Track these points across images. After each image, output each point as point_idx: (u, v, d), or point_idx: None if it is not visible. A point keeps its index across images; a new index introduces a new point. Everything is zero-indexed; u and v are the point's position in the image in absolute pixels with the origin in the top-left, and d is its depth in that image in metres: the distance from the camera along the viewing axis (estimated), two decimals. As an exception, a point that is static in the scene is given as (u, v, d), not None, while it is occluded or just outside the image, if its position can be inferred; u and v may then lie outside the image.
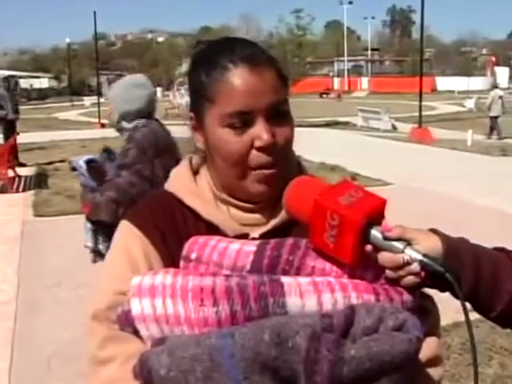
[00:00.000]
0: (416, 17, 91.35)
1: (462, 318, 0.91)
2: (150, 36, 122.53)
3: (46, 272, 6.02)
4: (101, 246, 3.20)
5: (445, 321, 4.11)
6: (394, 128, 21.80)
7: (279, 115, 1.06)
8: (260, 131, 1.03)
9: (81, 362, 1.08)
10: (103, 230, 3.15)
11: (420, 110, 20.02)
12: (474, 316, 1.01)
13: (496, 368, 3.85)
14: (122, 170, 3.09)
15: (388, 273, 0.94)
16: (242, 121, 1.04)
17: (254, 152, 1.05)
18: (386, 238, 0.93)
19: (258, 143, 1.04)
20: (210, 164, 1.14)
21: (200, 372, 0.86)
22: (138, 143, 3.12)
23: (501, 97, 19.42)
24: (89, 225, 3.18)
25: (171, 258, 1.05)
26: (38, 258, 6.54)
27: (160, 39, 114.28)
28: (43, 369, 4.01)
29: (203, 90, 1.07)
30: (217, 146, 1.07)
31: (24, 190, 10.75)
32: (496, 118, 19.20)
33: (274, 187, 1.07)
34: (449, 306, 0.92)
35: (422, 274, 0.92)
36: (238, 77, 1.04)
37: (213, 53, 1.09)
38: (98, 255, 3.22)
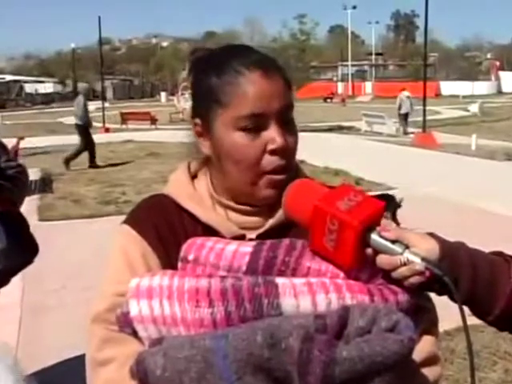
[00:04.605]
0: (420, 21, 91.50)
1: (467, 322, 0.91)
2: (154, 41, 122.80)
3: (51, 276, 6.04)
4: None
5: (449, 325, 4.09)
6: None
7: (287, 122, 1.09)
8: (273, 134, 1.05)
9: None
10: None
11: (424, 115, 20.02)
12: (479, 321, 1.02)
13: (500, 373, 3.83)
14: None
15: (393, 274, 0.95)
16: (256, 124, 1.05)
17: (267, 156, 1.06)
18: (383, 239, 0.95)
19: (271, 146, 1.06)
20: (216, 169, 1.14)
21: (194, 372, 0.87)
22: None
23: (408, 97, 22.69)
24: None
25: (169, 261, 1.07)
26: (42, 262, 6.51)
27: (164, 44, 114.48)
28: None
29: (213, 93, 1.08)
30: (229, 151, 1.07)
31: (29, 195, 10.75)
32: (405, 115, 22.55)
33: (282, 192, 1.08)
34: (453, 311, 0.92)
35: (427, 273, 0.93)
36: (251, 81, 1.05)
37: (223, 57, 1.10)
38: None
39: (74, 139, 13.72)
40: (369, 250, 0.96)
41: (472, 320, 1.03)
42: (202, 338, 0.89)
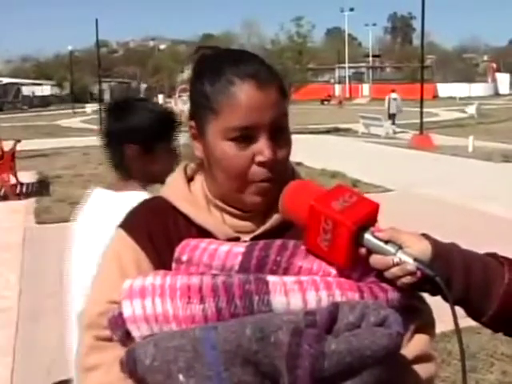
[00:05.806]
0: (417, 23, 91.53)
1: (464, 324, 0.92)
2: (151, 43, 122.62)
3: (48, 279, 6.02)
4: None
5: (446, 327, 4.06)
6: (394, 133, 21.89)
7: (280, 132, 1.08)
8: (262, 147, 1.05)
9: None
10: None
11: (421, 117, 20.05)
12: (475, 322, 1.02)
13: (497, 374, 3.84)
14: None
15: (386, 273, 0.96)
16: (245, 136, 1.05)
17: (254, 166, 1.07)
18: (376, 239, 0.96)
19: (259, 158, 1.06)
20: (208, 173, 1.15)
21: (183, 362, 0.88)
22: None
23: (395, 98, 24.99)
24: None
25: (163, 265, 1.07)
26: (40, 265, 6.54)
27: (162, 46, 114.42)
28: (44, 376, 4.01)
29: (207, 100, 1.08)
30: (218, 158, 1.08)
31: (26, 197, 10.76)
32: (393, 114, 24.75)
33: (269, 199, 1.09)
34: (449, 312, 0.92)
35: (418, 273, 0.94)
36: (243, 92, 1.05)
37: (219, 64, 1.09)
38: None
39: (71, 141, 13.67)
40: (362, 250, 0.97)
41: (468, 322, 1.03)
42: (193, 329, 0.91)
